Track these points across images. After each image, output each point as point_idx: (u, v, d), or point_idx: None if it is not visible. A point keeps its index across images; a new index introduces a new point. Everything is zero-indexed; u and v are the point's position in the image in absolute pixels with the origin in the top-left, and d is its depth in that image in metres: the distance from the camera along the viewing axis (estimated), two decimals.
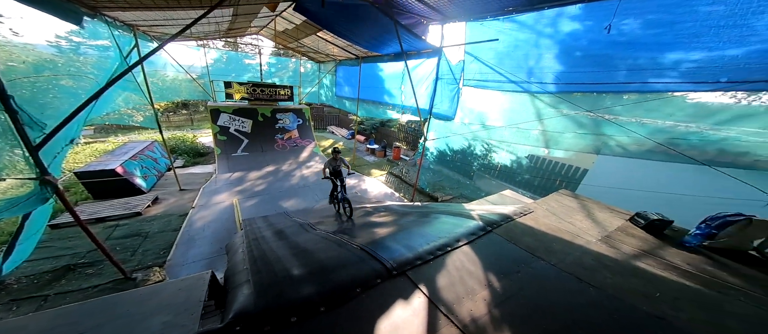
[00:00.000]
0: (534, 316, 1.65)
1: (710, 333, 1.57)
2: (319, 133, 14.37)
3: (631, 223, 3.05)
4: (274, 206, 5.46)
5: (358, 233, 3.05)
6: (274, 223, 4.04)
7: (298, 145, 9.40)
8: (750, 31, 2.09)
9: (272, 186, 6.54)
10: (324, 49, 8.59)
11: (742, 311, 1.75)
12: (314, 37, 7.56)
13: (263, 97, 8.78)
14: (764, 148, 2.58)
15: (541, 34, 3.45)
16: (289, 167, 7.96)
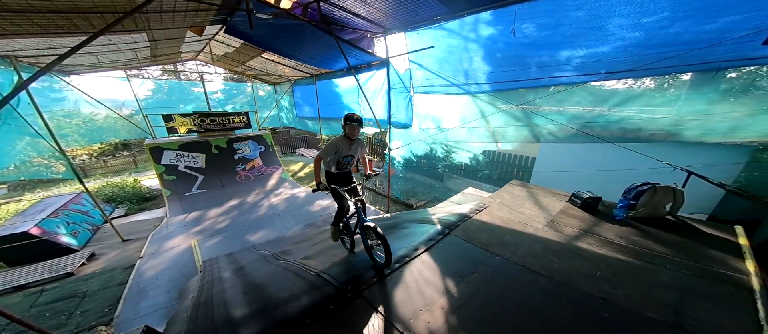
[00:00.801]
0: (489, 317, 1.67)
1: (645, 305, 1.70)
2: (287, 158, 13.85)
3: (570, 204, 3.34)
4: (240, 241, 5.05)
5: (321, 256, 2.89)
6: (238, 259, 3.80)
7: (263, 173, 8.88)
8: (607, 32, 2.45)
9: (237, 221, 6.06)
10: (275, 70, 8.37)
11: (668, 280, 1.95)
12: (260, 59, 7.34)
13: (215, 127, 8.25)
14: (651, 122, 2.98)
15: (467, 39, 3.73)
16: (256, 197, 7.46)
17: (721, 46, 2.11)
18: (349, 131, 2.27)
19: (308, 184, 8.94)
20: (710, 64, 2.33)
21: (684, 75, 2.65)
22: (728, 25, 1.96)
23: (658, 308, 1.65)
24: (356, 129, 2.26)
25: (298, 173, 10.61)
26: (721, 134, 2.82)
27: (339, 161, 2.40)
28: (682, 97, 2.74)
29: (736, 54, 2.12)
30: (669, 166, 2.98)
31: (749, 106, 2.44)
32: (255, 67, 8.41)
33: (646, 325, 1.54)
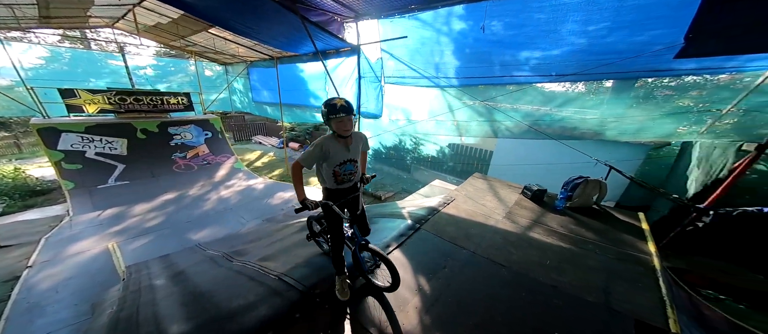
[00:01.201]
0: (460, 313, 1.68)
1: (584, 290, 1.90)
2: (242, 146, 12.28)
3: (522, 195, 3.68)
4: (179, 240, 4.24)
5: (282, 256, 2.56)
6: (176, 262, 3.17)
7: (210, 162, 7.65)
8: (560, 36, 2.71)
9: (175, 217, 5.07)
10: (226, 49, 7.23)
11: (597, 264, 2.24)
12: (207, 35, 6.22)
13: (141, 108, 6.76)
14: (583, 123, 3.45)
15: (440, 32, 3.75)
16: (201, 190, 6.37)
17: (641, 58, 2.49)
18: (337, 127, 1.48)
19: (267, 174, 8.07)
20: (632, 73, 2.77)
21: (607, 82, 3.10)
22: (652, 38, 2.35)
23: (595, 293, 1.90)
24: (348, 122, 1.48)
25: (255, 163, 9.49)
26: (630, 135, 3.45)
27: (336, 173, 1.61)
28: (606, 102, 3.25)
29: (652, 65, 2.56)
30: (595, 161, 3.52)
31: (649, 112, 3.03)
32: (200, 44, 7.13)
33: (587, 309, 1.75)
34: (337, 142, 1.58)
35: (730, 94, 2.54)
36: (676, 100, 2.84)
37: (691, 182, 3.29)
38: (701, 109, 2.75)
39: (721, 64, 2.34)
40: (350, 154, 1.64)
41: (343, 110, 1.45)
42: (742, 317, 2.86)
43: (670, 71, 2.58)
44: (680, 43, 2.19)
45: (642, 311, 1.73)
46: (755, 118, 2.51)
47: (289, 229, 3.99)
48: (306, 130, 12.36)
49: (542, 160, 4.92)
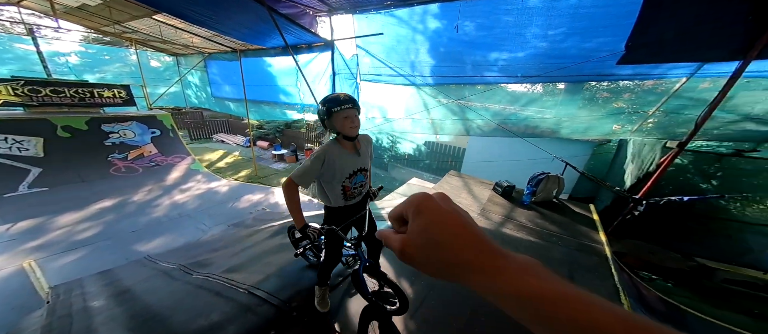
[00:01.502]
0: (444, 315, 1.68)
1: None
2: (201, 144, 11.03)
3: (494, 192, 3.91)
4: (122, 253, 3.64)
5: (253, 266, 2.31)
6: (119, 278, 2.69)
7: (160, 164, 6.69)
8: (525, 39, 2.93)
9: (116, 227, 4.33)
10: (178, 38, 6.41)
11: (561, 256, 2.42)
12: (151, 22, 5.42)
13: (62, 101, 5.69)
14: (543, 122, 3.80)
15: (415, 31, 3.77)
16: (148, 195, 5.52)
17: (590, 63, 2.81)
18: (343, 125, 1.18)
19: (232, 176, 7.33)
20: (582, 77, 3.11)
21: (560, 84, 3.45)
22: (599, 45, 2.67)
23: None
24: (355, 118, 1.20)
25: (217, 163, 8.57)
26: (580, 133, 3.90)
27: (346, 189, 1.33)
28: (560, 103, 3.62)
29: (598, 70, 2.90)
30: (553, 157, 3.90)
31: (593, 113, 3.46)
32: (142, 31, 6.16)
33: None
34: (343, 147, 1.25)
35: (655, 97, 3.03)
36: (612, 102, 3.29)
37: (627, 175, 3.85)
38: (631, 110, 3.23)
39: (649, 71, 2.77)
40: (361, 162, 1.32)
41: (348, 102, 1.16)
42: (668, 293, 3.38)
43: (612, 76, 2.98)
44: (621, 51, 2.51)
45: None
46: (674, 119, 3.04)
47: (261, 234, 3.65)
48: (276, 128, 11.58)
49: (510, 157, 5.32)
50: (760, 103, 2.49)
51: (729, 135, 3.00)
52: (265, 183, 6.93)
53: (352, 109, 1.18)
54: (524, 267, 0.25)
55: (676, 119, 3.00)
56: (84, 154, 5.68)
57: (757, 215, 3.62)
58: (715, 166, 3.52)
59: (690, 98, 2.77)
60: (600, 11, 2.42)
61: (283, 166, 8.85)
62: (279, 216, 4.78)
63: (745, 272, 3.65)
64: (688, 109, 2.84)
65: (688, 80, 2.65)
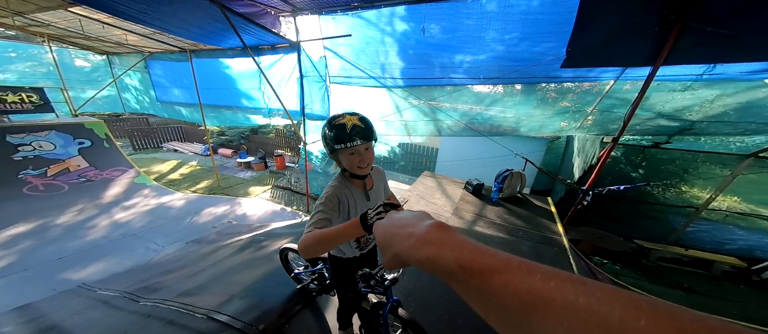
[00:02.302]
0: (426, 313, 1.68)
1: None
2: (148, 155, 9.85)
3: (465, 190, 4.17)
4: (47, 283, 3.15)
5: (214, 286, 2.16)
6: (44, 313, 2.31)
7: (92, 179, 5.84)
8: (485, 42, 3.23)
9: (37, 254, 3.73)
10: (106, 35, 5.67)
11: (528, 249, 2.61)
12: (66, 14, 4.71)
13: None
14: (505, 121, 4.19)
15: (384, 32, 3.87)
16: (79, 216, 4.81)
17: (539, 66, 3.20)
18: (350, 163, 0.97)
19: (189, 188, 6.68)
20: (534, 79, 3.52)
21: (518, 85, 3.86)
22: (546, 49, 3.05)
23: None
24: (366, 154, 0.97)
25: (169, 175, 7.72)
26: (536, 131, 4.38)
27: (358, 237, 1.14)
28: (518, 103, 4.05)
29: (547, 73, 3.32)
30: (515, 154, 4.32)
31: (545, 112, 3.94)
32: (55, 24, 5.34)
33: None
34: (353, 186, 1.05)
35: (592, 98, 3.57)
36: (559, 102, 3.80)
37: (575, 168, 4.43)
38: (575, 109, 3.76)
39: (585, 74, 3.26)
40: (371, 204, 1.06)
41: (358, 134, 0.89)
42: (617, 275, 3.84)
43: (558, 78, 3.43)
44: (563, 56, 2.91)
45: None
46: (607, 117, 3.61)
47: (225, 250, 3.40)
48: (241, 134, 10.86)
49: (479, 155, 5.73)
50: (668, 102, 3.11)
51: (648, 130, 3.68)
52: (230, 194, 6.45)
53: (363, 144, 0.91)
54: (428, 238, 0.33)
55: (609, 117, 3.58)
56: None
57: (674, 197, 4.44)
58: (640, 157, 4.25)
59: (618, 98, 3.34)
60: (545, 18, 2.77)
61: (250, 174, 8.33)
62: (247, 229, 4.53)
63: (672, 250, 4.32)
64: (617, 108, 3.41)
65: (614, 83, 3.19)
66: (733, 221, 4.23)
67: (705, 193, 4.16)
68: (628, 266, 4.23)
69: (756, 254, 4.06)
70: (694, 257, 4.18)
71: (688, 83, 2.84)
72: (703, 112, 3.04)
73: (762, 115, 2.82)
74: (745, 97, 2.73)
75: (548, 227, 3.18)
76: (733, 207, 4.20)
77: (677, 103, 3.07)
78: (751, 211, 4.09)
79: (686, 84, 2.85)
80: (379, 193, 1.13)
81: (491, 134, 4.54)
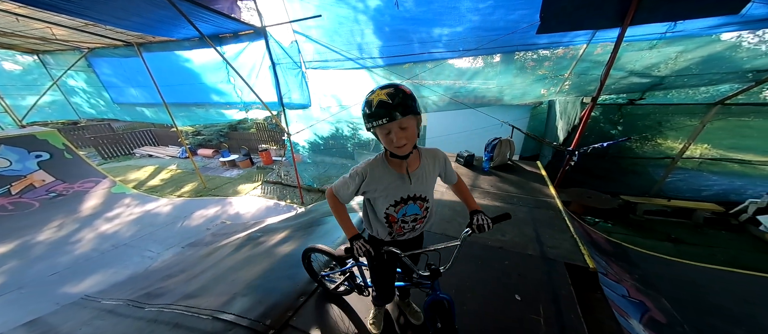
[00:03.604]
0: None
1: (523, 245, 2.31)
2: (121, 163, 9.71)
3: (456, 163, 4.41)
4: (49, 298, 3.29)
5: (217, 287, 2.40)
6: (54, 325, 2.53)
7: (63, 193, 5.82)
8: (460, 13, 3.33)
9: (30, 272, 3.91)
10: (23, 29, 4.97)
11: (524, 215, 2.72)
12: None
13: None
14: (488, 91, 4.40)
15: (356, 10, 3.83)
16: (60, 231, 4.92)
17: (515, 34, 3.34)
18: (386, 141, 0.94)
19: (173, 192, 6.74)
20: (511, 47, 3.67)
21: (496, 56, 4.01)
22: (520, 16, 3.20)
23: (532, 245, 2.30)
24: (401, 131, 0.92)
25: (148, 182, 7.71)
26: (519, 99, 4.62)
27: (390, 218, 1.10)
28: (499, 73, 4.23)
29: (522, 40, 3.47)
30: (501, 122, 4.58)
31: (525, 79, 4.16)
32: None
33: (530, 262, 2.10)
34: (389, 167, 1.02)
35: (567, 63, 3.80)
36: (538, 70, 4.01)
37: (559, 130, 4.76)
38: (552, 75, 4.00)
39: (559, 39, 3.45)
40: (413, 189, 1.05)
41: (383, 107, 0.86)
42: (610, 233, 4.02)
43: (534, 45, 3.61)
44: (538, 22, 3.06)
45: (565, 253, 2.21)
46: (584, 79, 3.87)
47: (223, 250, 3.63)
48: (219, 132, 10.69)
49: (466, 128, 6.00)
50: (638, 61, 3.37)
51: (622, 88, 3.98)
52: (218, 194, 6.58)
53: (395, 119, 0.86)
54: None
55: (586, 79, 3.84)
56: None
57: (652, 150, 4.88)
58: (617, 115, 4.61)
59: (592, 61, 3.58)
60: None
61: (237, 172, 8.39)
62: (242, 227, 4.73)
63: (656, 202, 4.73)
64: (592, 70, 3.65)
65: (587, 47, 3.40)
66: (706, 167, 4.72)
67: (678, 143, 4.62)
68: (618, 222, 4.55)
69: (731, 197, 4.52)
70: (676, 207, 4.59)
71: (654, 42, 3.09)
72: (670, 68, 3.34)
73: (723, 66, 3.14)
74: (706, 51, 3.03)
75: (541, 190, 3.34)
76: (705, 154, 4.68)
77: (646, 61, 3.34)
78: (721, 156, 4.57)
79: (652, 43, 3.10)
80: (425, 177, 1.07)
81: (476, 106, 4.76)
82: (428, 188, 1.10)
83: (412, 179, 1.03)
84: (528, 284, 1.91)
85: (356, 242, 1.02)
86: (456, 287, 1.90)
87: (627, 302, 2.18)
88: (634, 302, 2.26)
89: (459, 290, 1.87)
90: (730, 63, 3.12)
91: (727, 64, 3.12)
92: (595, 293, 1.95)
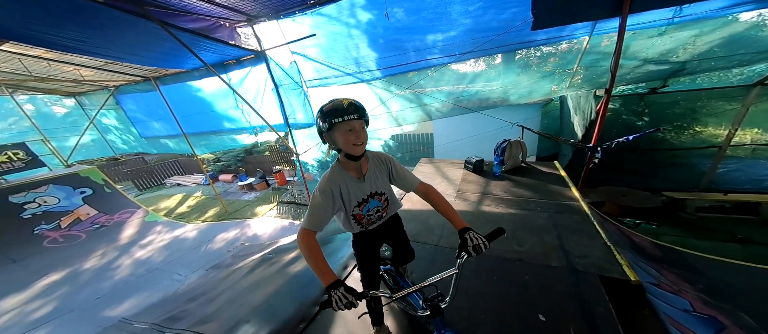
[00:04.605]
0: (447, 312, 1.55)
1: (545, 256, 2.13)
2: (154, 193, 10.87)
3: (465, 170, 4.34)
4: (94, 320, 3.82)
5: (226, 311, 2.66)
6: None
7: (105, 224, 6.66)
8: (452, 18, 3.40)
9: (77, 297, 4.49)
10: (56, 73, 5.85)
11: (545, 222, 2.51)
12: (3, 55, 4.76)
13: None
14: (492, 93, 4.38)
15: (349, 25, 4.03)
16: (103, 259, 5.66)
17: (511, 32, 3.35)
18: (345, 140, 1.07)
19: (198, 218, 7.45)
20: (510, 46, 3.66)
21: (498, 57, 4.00)
22: (512, 15, 3.19)
23: (556, 256, 2.09)
24: (360, 131, 1.08)
25: (177, 209, 8.57)
26: (526, 97, 4.53)
27: (358, 218, 1.27)
28: (501, 73, 4.20)
29: (519, 38, 3.46)
30: (510, 123, 4.52)
31: (531, 77, 4.08)
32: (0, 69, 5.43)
33: (555, 276, 1.91)
34: (346, 171, 1.17)
35: (573, 57, 3.67)
36: (543, 66, 3.92)
37: (576, 126, 4.57)
38: (559, 71, 3.89)
39: (558, 34, 3.37)
40: (368, 187, 1.21)
41: (354, 110, 1.02)
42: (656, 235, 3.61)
43: (533, 42, 3.56)
44: (531, 19, 3.05)
45: (598, 263, 1.98)
46: (593, 72, 3.72)
47: (238, 273, 3.97)
48: (236, 157, 11.57)
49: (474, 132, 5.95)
50: (650, 48, 3.18)
51: (640, 77, 3.74)
52: (238, 217, 7.15)
53: (358, 120, 1.02)
54: None
55: (596, 71, 3.68)
56: (2, 234, 5.56)
57: (692, 139, 4.47)
58: (640, 105, 4.32)
59: (599, 53, 3.43)
60: None
61: (254, 195, 9.03)
62: (259, 248, 5.13)
63: (709, 197, 4.21)
64: (601, 61, 3.50)
65: (590, 39, 3.29)
66: (762, 153, 4.20)
67: (722, 130, 4.21)
68: (665, 222, 4.09)
69: None
70: (736, 202, 4.06)
71: (662, 28, 2.91)
72: (690, 52, 3.09)
73: (751, 46, 2.85)
74: (725, 32, 2.78)
75: (562, 193, 3.10)
76: (756, 140, 4.21)
77: (659, 48, 3.14)
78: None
79: (661, 29, 2.93)
80: (376, 178, 1.23)
81: (481, 109, 4.74)
82: (380, 183, 1.26)
83: (365, 179, 1.20)
84: (553, 302, 1.73)
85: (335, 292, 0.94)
86: (468, 308, 1.77)
87: (692, 318, 1.89)
88: (703, 318, 1.93)
89: (472, 311, 1.74)
90: (758, 42, 2.83)
91: (755, 44, 2.83)
92: (643, 310, 1.71)
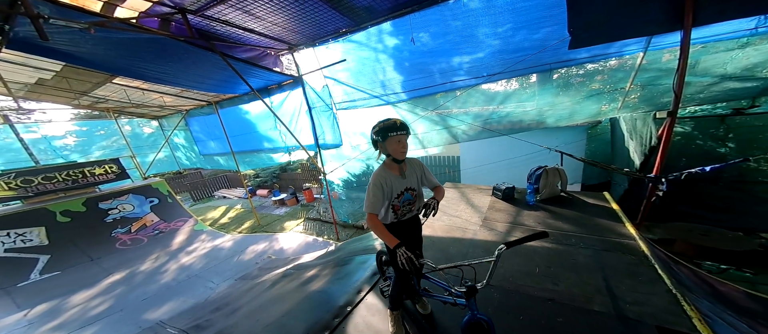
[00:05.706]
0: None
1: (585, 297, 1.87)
2: (204, 205, 12.29)
3: (493, 197, 4.01)
4: (135, 322, 4.20)
5: (244, 324, 2.73)
6: None
7: (164, 231, 7.60)
8: (479, 40, 3.31)
9: (127, 298, 5.04)
10: (148, 100, 7.21)
11: (587, 260, 2.20)
12: (113, 87, 6.00)
13: (55, 187, 6.63)
14: (525, 115, 4.05)
15: (377, 50, 4.21)
16: (155, 263, 6.35)
17: (546, 52, 3.11)
18: (395, 149, 1.49)
19: (235, 229, 8.11)
20: (545, 66, 3.39)
21: (532, 76, 3.73)
22: (546, 34, 2.98)
23: (599, 299, 1.83)
24: (404, 141, 1.51)
25: (220, 220, 9.50)
26: (566, 119, 4.07)
27: (395, 208, 1.61)
28: (537, 94, 3.87)
29: (556, 57, 3.18)
30: (547, 149, 4.09)
31: (573, 97, 3.67)
32: (111, 98, 6.83)
33: (597, 322, 1.66)
34: (390, 171, 1.58)
35: (625, 74, 3.22)
36: (588, 84, 3.50)
37: (632, 152, 3.93)
38: (609, 89, 3.43)
39: (604, 51, 3.00)
40: (406, 182, 1.61)
41: (403, 127, 1.48)
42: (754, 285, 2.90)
43: (573, 61, 3.23)
44: (568, 37, 2.80)
45: (657, 312, 1.69)
46: (651, 91, 3.19)
47: (260, 286, 4.09)
48: (272, 174, 12.59)
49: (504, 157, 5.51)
50: (728, 63, 2.61)
51: (716, 96, 3.07)
52: (268, 231, 7.62)
53: (403, 133, 1.48)
54: None
55: (657, 90, 3.14)
56: (88, 235, 6.62)
57: None
58: (722, 128, 3.52)
59: (659, 69, 2.94)
60: (533, 3, 2.75)
61: (284, 210, 9.64)
62: (283, 263, 5.27)
63: None
64: (661, 79, 2.99)
65: (644, 55, 2.85)
66: None
67: None
68: (765, 270, 3.31)
69: None
70: None
71: (743, 40, 2.39)
72: None
73: None
74: None
75: (612, 228, 2.68)
76: None
77: (741, 62, 2.55)
78: None
79: (741, 41, 2.40)
80: (413, 177, 1.65)
81: (513, 132, 4.41)
82: (414, 182, 1.65)
83: (406, 175, 1.60)
84: None
85: (400, 250, 1.33)
86: None
87: None
88: None
89: None
90: None
91: None
92: None
